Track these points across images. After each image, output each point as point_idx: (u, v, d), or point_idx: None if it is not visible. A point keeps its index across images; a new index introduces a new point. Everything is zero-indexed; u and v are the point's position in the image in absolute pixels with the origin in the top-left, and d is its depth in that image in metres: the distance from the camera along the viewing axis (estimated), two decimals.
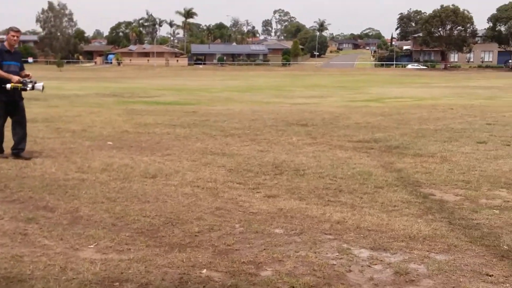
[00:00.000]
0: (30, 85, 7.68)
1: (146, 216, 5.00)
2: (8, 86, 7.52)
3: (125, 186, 6.18)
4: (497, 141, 10.05)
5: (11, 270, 3.69)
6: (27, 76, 7.83)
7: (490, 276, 3.73)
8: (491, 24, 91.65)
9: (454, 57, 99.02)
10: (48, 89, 8.57)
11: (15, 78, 7.61)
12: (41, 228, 4.61)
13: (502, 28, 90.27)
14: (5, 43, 7.83)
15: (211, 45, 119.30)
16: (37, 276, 3.59)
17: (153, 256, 4.01)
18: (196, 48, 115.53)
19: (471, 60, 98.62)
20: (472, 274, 3.76)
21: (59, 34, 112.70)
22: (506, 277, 3.72)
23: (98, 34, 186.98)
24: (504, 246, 4.31)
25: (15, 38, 7.78)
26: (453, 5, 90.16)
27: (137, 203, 5.49)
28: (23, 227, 4.64)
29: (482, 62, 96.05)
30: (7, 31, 7.94)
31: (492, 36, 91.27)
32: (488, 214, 5.23)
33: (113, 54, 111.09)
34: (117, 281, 3.56)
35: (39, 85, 7.81)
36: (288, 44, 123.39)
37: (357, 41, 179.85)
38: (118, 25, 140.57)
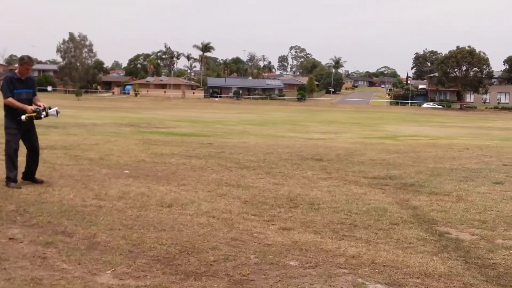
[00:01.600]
0: (44, 113, 7.57)
1: (162, 244, 5.06)
2: (23, 117, 7.42)
3: (142, 214, 6.26)
4: None
5: None
6: (39, 105, 7.61)
7: None
8: (508, 66, 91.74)
9: (470, 98, 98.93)
10: (66, 118, 8.71)
11: (29, 108, 7.48)
12: (60, 253, 4.69)
13: None
14: (17, 71, 7.66)
15: (227, 79, 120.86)
16: None
17: (169, 283, 4.05)
18: (212, 81, 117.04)
19: (487, 101, 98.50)
20: None
21: (78, 64, 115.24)
22: None
23: (116, 65, 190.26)
24: None
25: (29, 71, 7.63)
26: (469, 46, 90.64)
27: (153, 231, 5.55)
28: (42, 251, 4.72)
29: (499, 103, 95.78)
30: (20, 61, 7.64)
31: (509, 78, 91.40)
32: (504, 254, 5.19)
33: (131, 85, 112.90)
34: None
35: (52, 111, 7.71)
36: (304, 80, 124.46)
37: (372, 79, 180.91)
38: (137, 57, 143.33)
